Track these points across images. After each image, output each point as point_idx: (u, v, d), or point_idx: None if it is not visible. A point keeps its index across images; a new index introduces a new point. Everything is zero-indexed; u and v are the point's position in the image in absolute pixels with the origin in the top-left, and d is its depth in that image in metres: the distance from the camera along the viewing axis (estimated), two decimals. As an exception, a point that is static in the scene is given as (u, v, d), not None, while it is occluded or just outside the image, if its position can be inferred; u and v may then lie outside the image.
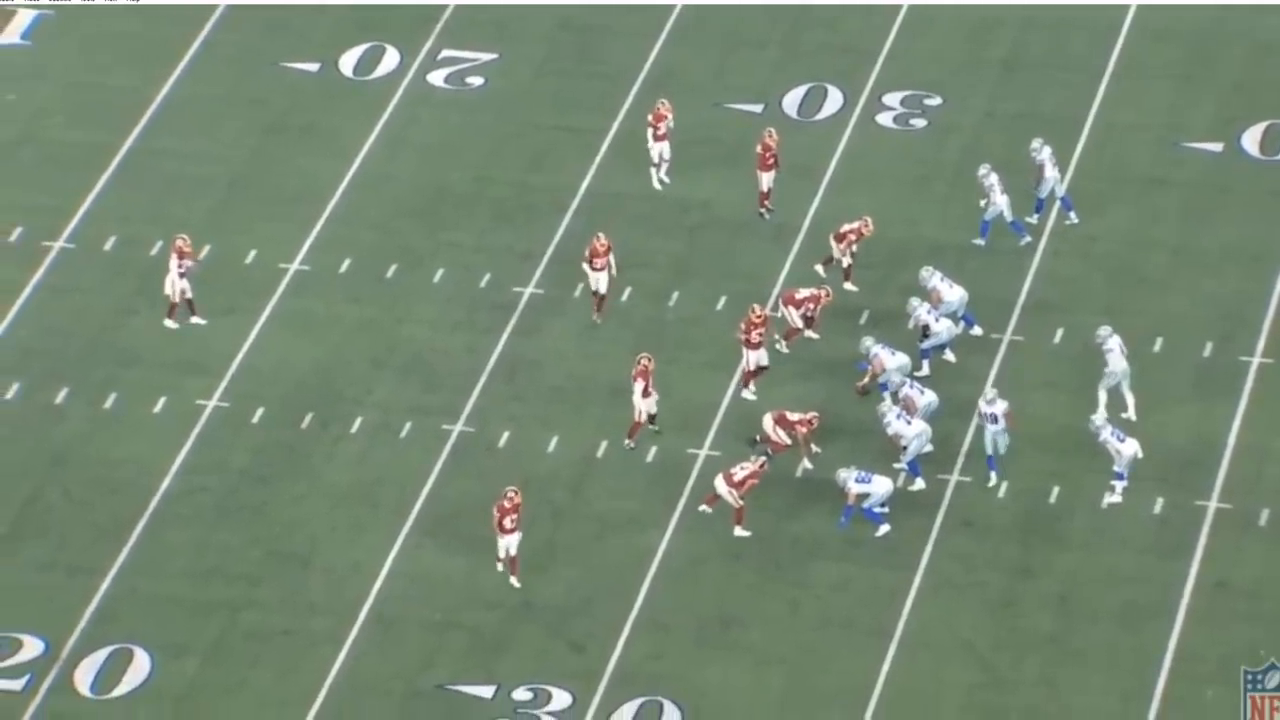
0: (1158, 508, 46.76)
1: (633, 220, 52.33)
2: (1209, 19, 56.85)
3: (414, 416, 48.78)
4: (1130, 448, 46.45)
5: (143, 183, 53.43)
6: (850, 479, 46.12)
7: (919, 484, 47.01)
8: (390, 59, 55.98)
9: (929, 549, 46.47)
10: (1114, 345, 48.32)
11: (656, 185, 52.80)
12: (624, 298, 50.79)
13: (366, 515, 47.25)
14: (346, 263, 51.65)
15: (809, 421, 47.00)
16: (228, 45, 56.58)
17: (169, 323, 50.12)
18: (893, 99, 55.14)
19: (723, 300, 50.71)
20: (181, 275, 49.94)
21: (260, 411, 48.94)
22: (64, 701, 44.36)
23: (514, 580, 45.10)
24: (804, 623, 45.40)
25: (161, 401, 49.09)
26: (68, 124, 54.75)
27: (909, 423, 46.97)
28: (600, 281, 49.35)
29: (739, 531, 46.29)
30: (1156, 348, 49.64)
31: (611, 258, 49.24)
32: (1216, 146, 54.17)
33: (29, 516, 47.22)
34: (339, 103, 55.19)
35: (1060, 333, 49.84)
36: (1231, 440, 48.00)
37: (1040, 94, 55.30)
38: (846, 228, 50.04)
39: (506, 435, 48.50)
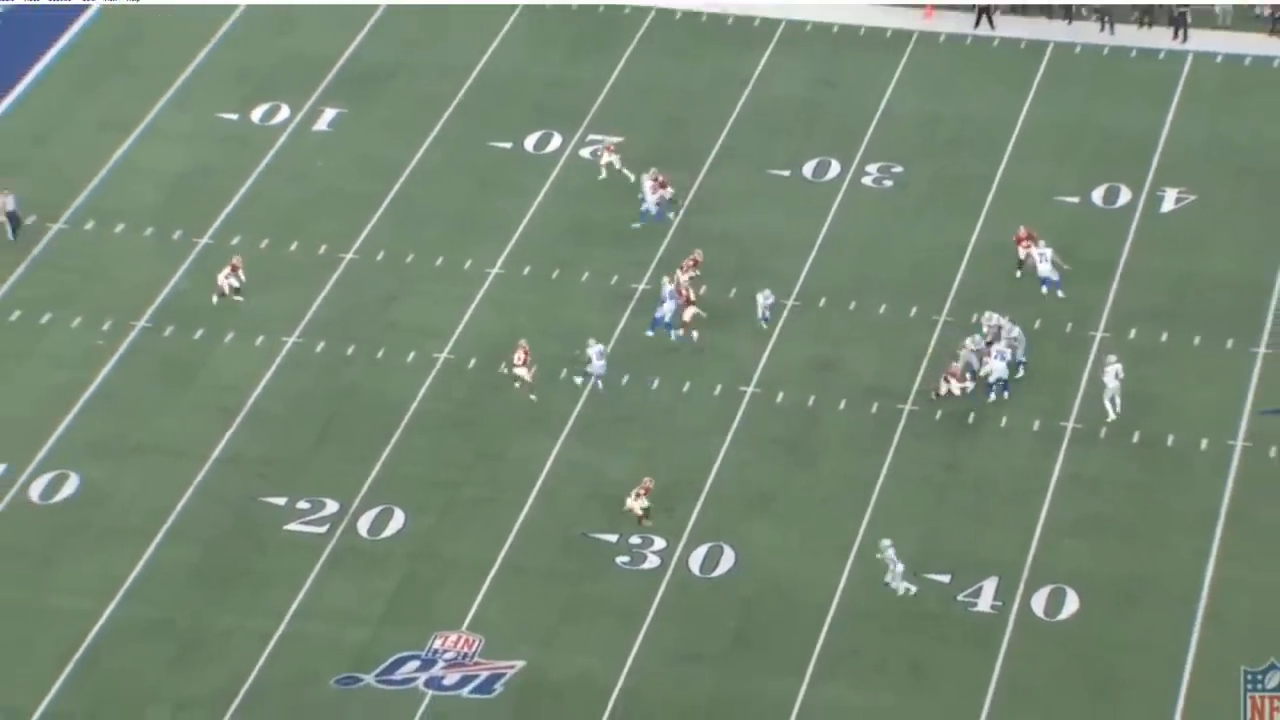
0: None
1: (696, 243, 51.45)
2: (1070, 119, 55.61)
3: (570, 364, 48.67)
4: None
5: (402, 217, 53.10)
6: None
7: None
8: (556, 140, 55.27)
9: (894, 444, 46.39)
10: (1112, 374, 46.46)
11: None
12: (701, 290, 50.07)
13: (540, 427, 47.34)
14: (527, 269, 51.56)
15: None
16: (456, 131, 55.64)
17: (216, 300, 49.83)
18: (872, 167, 54.20)
19: (734, 291, 49.98)
20: (226, 277, 49.71)
21: (473, 361, 49.07)
22: (349, 541, 44.80)
23: None
24: (815, 498, 45.61)
25: (412, 354, 49.22)
26: (355, 179, 54.32)
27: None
28: None
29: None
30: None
31: None
32: (1075, 199, 53.16)
33: (330, 427, 47.51)
34: (522, 168, 54.46)
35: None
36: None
37: (965, 166, 54.00)
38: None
39: (626, 378, 48.51)
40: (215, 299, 49.82)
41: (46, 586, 44.06)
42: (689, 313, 49.41)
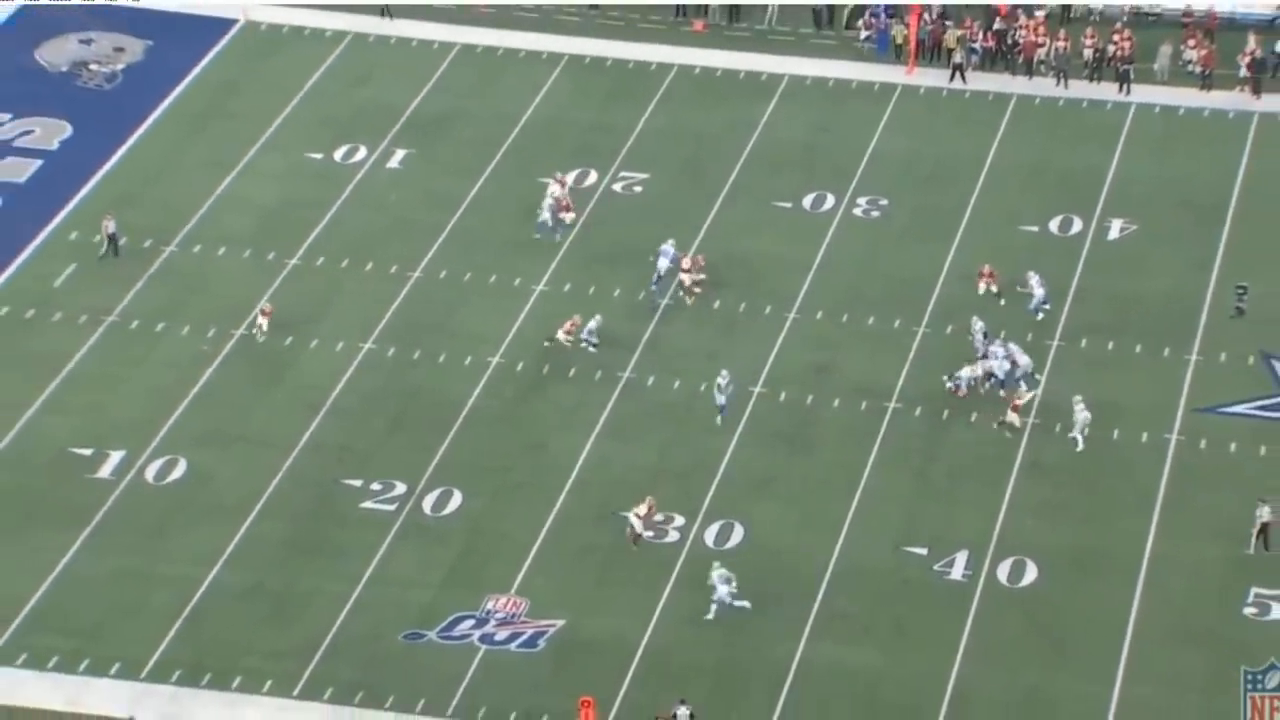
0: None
1: (711, 263, 51.39)
2: (1030, 159, 55.31)
3: (603, 368, 48.54)
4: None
5: (461, 241, 52.47)
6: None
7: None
8: (593, 176, 54.36)
9: (880, 436, 46.13)
10: (1080, 408, 45.47)
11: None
12: (715, 305, 50.15)
13: (577, 421, 46.88)
14: (567, 286, 51.23)
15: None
16: (507, 168, 55.38)
17: (259, 336, 48.81)
18: (862, 200, 53.90)
19: (743, 305, 50.25)
20: (263, 316, 48.69)
21: (520, 365, 48.81)
22: (415, 518, 44.65)
23: None
24: (812, 483, 45.47)
25: (468, 359, 48.87)
26: (422, 209, 53.78)
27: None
28: None
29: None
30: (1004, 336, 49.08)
31: None
32: (1035, 228, 52.92)
33: (399, 420, 47.22)
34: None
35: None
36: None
37: (941, 199, 53.82)
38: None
39: (652, 380, 48.36)
40: (251, 329, 48.78)
41: (158, 555, 44.20)
42: (688, 279, 49.55)
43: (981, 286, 49.92)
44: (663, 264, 49.94)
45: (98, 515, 44.95)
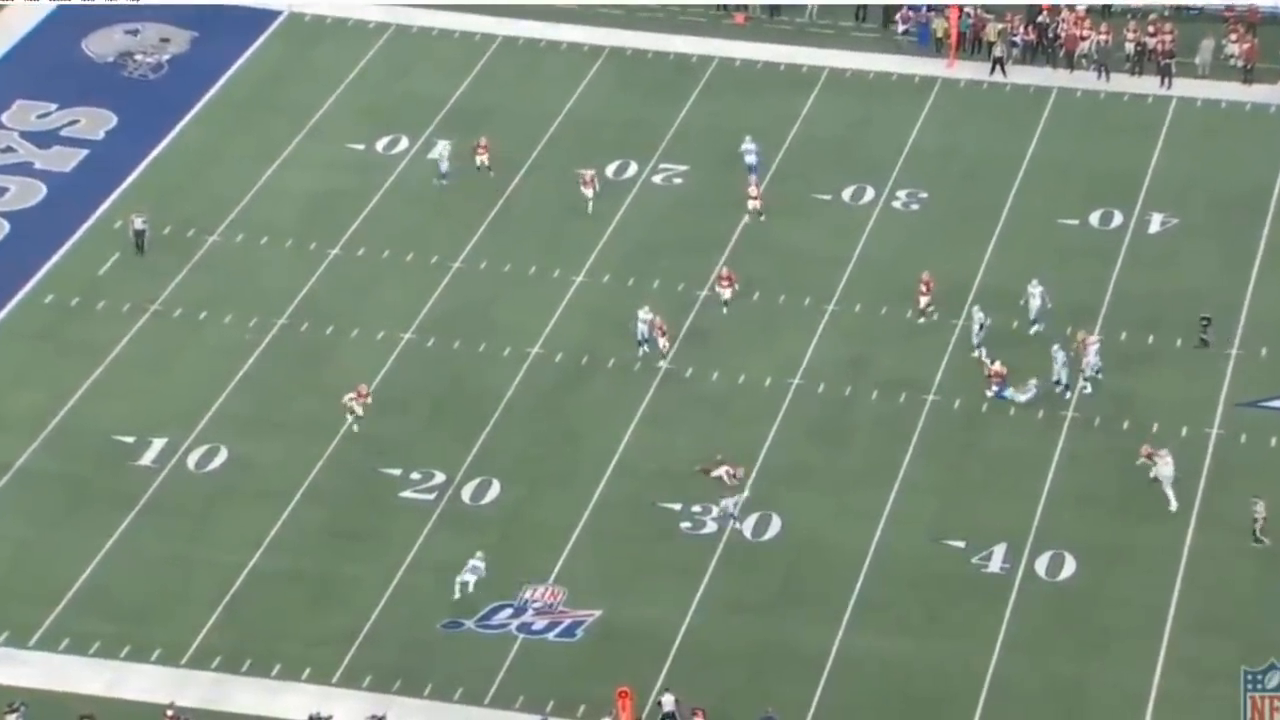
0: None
1: (750, 255, 51.38)
2: (1071, 153, 54.86)
3: (642, 359, 48.28)
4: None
5: (501, 232, 52.24)
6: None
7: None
8: (633, 168, 54.40)
9: (918, 428, 45.67)
10: (1166, 462, 43.49)
11: None
12: (754, 297, 49.86)
13: (611, 413, 46.74)
14: (606, 277, 50.91)
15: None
16: (548, 160, 55.47)
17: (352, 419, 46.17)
18: (901, 193, 53.57)
19: (782, 297, 50.07)
20: (351, 400, 45.68)
21: (559, 356, 48.45)
22: (454, 507, 44.51)
23: None
24: (849, 474, 45.11)
25: (508, 349, 48.63)
26: (462, 200, 53.27)
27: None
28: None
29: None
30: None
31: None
32: (1075, 221, 52.51)
33: (438, 410, 47.04)
34: (603, 192, 53.32)
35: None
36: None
37: (981, 192, 53.40)
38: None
39: (690, 371, 48.07)
40: (350, 419, 46.18)
41: (201, 541, 44.00)
42: (724, 294, 49.47)
43: (923, 301, 48.95)
44: (749, 160, 51.90)
45: (140, 502, 44.78)
